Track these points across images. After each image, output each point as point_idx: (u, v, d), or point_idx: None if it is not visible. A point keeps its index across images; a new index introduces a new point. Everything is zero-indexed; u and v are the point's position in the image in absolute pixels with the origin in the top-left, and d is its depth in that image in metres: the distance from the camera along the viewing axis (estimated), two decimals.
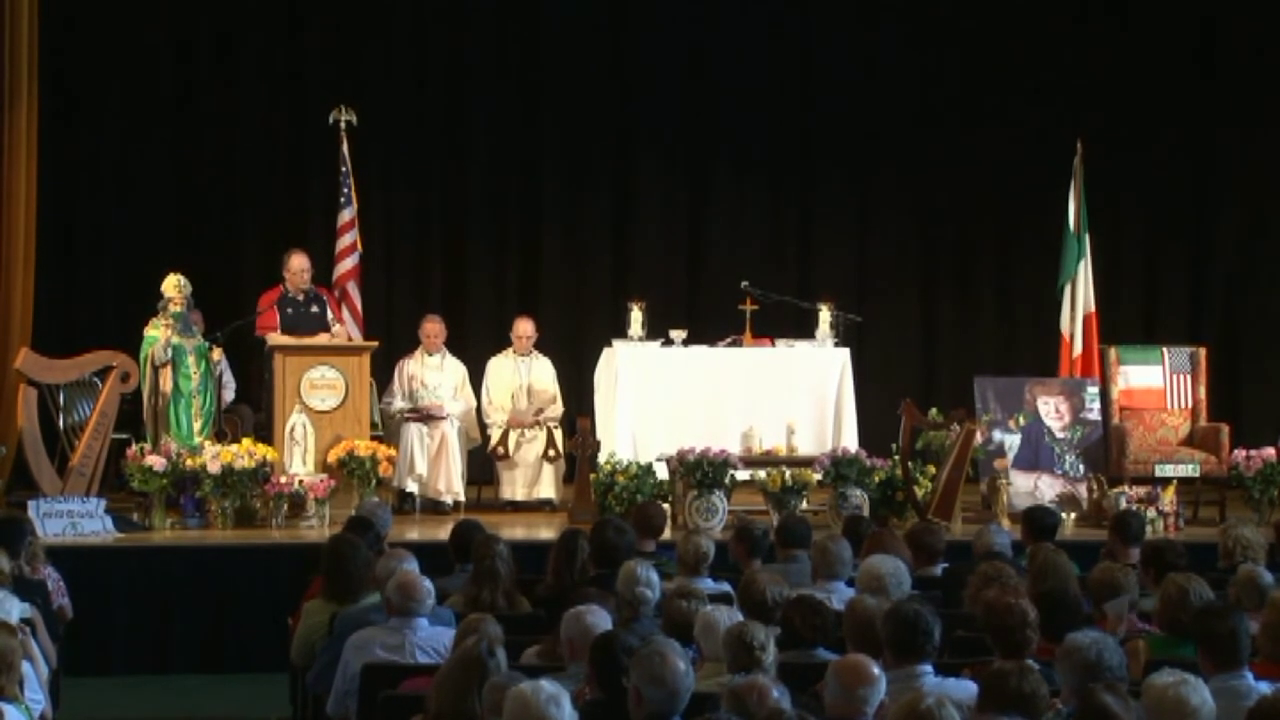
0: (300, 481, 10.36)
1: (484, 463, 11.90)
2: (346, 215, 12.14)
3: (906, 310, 14.32)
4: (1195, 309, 14.39)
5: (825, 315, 11.76)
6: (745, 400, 11.44)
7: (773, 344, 11.82)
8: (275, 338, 11.18)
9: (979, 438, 10.88)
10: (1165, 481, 10.87)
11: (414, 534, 10.35)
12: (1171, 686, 4.53)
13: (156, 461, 10.16)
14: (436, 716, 4.93)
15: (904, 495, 10.74)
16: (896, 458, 10.76)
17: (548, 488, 11.64)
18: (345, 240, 12.14)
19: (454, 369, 11.77)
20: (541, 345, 12.14)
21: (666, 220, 14.20)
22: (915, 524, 9.18)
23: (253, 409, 11.91)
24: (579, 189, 14.09)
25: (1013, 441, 11.28)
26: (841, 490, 10.59)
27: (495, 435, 11.70)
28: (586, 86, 13.96)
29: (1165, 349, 12.02)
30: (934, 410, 10.97)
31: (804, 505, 10.61)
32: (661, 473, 10.76)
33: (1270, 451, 10.94)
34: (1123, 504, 10.24)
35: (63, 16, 12.59)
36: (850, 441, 11.29)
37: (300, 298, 11.49)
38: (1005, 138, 14.07)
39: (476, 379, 11.90)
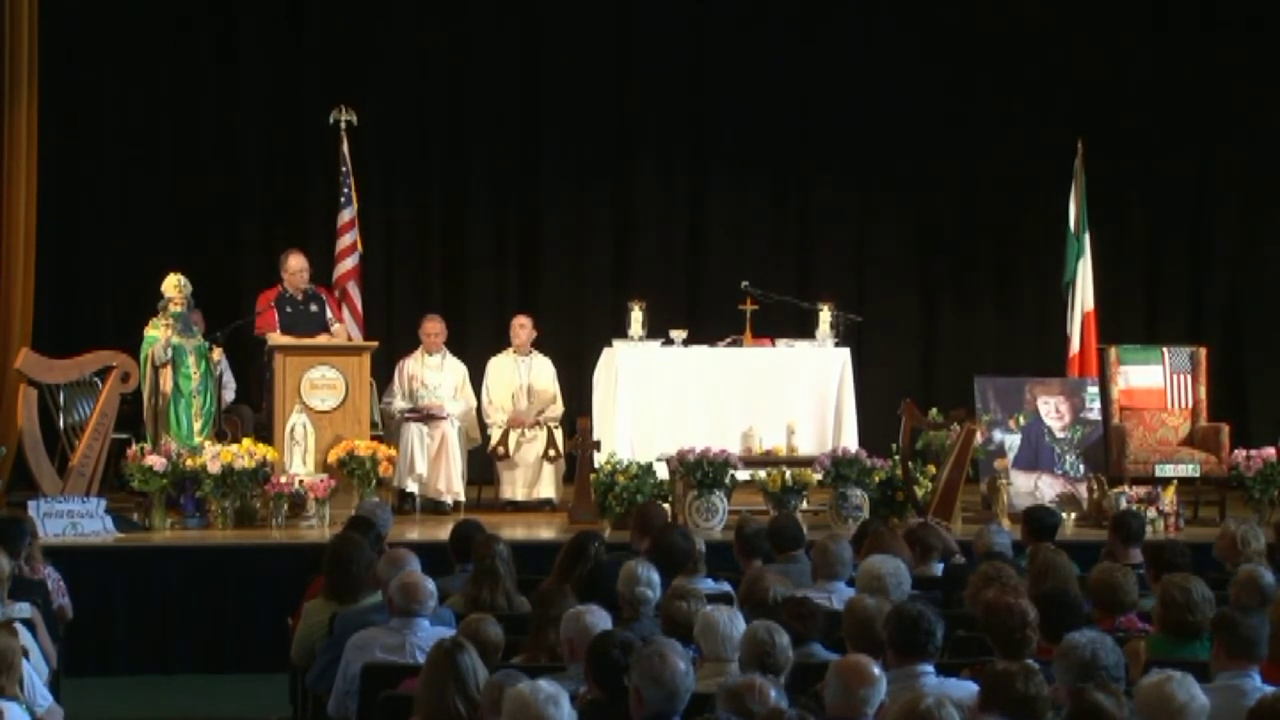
0: (300, 481, 10.36)
1: (484, 463, 11.91)
2: (346, 215, 12.13)
3: (906, 310, 14.32)
4: (1195, 309, 14.39)
5: (825, 315, 11.75)
6: (745, 400, 11.44)
7: (773, 344, 11.82)
8: (275, 338, 11.18)
9: (979, 438, 10.88)
10: (1165, 481, 10.87)
11: (414, 534, 10.35)
12: (1159, 683, 4.53)
13: (156, 461, 10.15)
14: (425, 718, 4.97)
15: (904, 495, 10.74)
16: (896, 458, 10.75)
17: (548, 488, 11.65)
18: (345, 240, 12.13)
19: (454, 369, 11.77)
20: (541, 345, 12.14)
21: (666, 220, 14.20)
22: (912, 522, 9.16)
23: (253, 409, 11.90)
24: (579, 189, 14.09)
25: (1013, 441, 11.28)
26: (841, 490, 10.59)
27: (495, 435, 11.71)
28: (586, 86, 13.96)
29: (1165, 349, 12.02)
30: (934, 410, 10.97)
31: (804, 505, 10.61)
32: (661, 473, 10.75)
33: (1270, 451, 10.94)
34: (1123, 504, 10.24)
35: (63, 16, 12.59)
36: (850, 441, 11.28)
37: (299, 297, 11.50)
38: (1005, 138, 14.07)
39: (476, 379, 11.90)
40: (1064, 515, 10.38)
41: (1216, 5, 14.31)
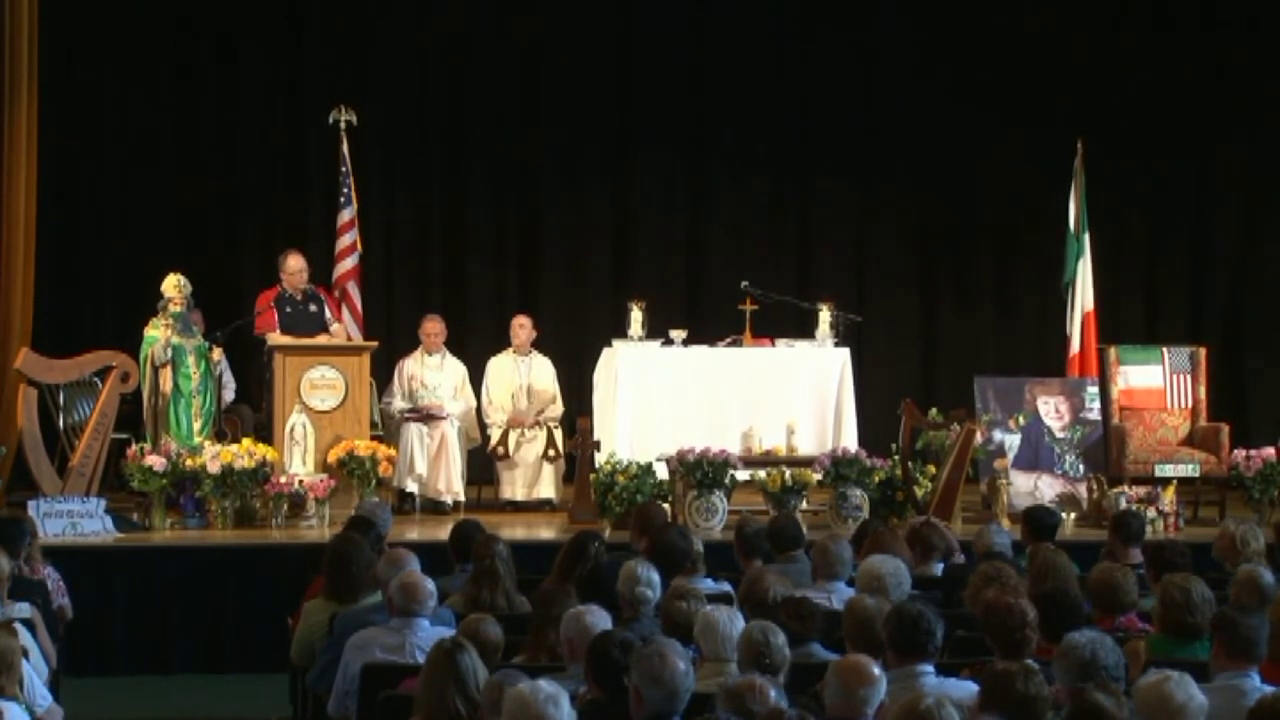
0: (300, 481, 10.36)
1: (484, 463, 11.91)
2: (346, 215, 12.13)
3: (906, 310, 14.33)
4: (1195, 309, 14.39)
5: (825, 315, 11.75)
6: (745, 400, 11.44)
7: (773, 344, 11.82)
8: (275, 338, 11.18)
9: (979, 438, 10.88)
10: (1165, 481, 10.87)
11: (414, 534, 10.35)
12: (1157, 683, 4.53)
13: (156, 461, 10.15)
14: (425, 718, 4.98)
15: (904, 495, 10.74)
16: (896, 458, 10.75)
17: (548, 488, 11.65)
18: (345, 240, 12.13)
19: (454, 369, 11.77)
20: (541, 345, 12.15)
21: (666, 220, 14.20)
22: (915, 520, 9.12)
23: (253, 409, 11.91)
24: (579, 189, 14.09)
25: (1013, 441, 11.28)
26: (841, 490, 10.59)
27: (495, 435, 11.71)
28: (586, 86, 13.96)
29: (1165, 349, 12.01)
30: (934, 410, 10.97)
31: (804, 505, 10.61)
32: (661, 473, 10.75)
33: (1270, 451, 10.94)
34: (1123, 504, 10.23)
35: (63, 16, 12.59)
36: (850, 441, 11.28)
37: (298, 297, 11.50)
38: (1005, 138, 14.07)
39: (476, 379, 11.90)
40: (1064, 515, 10.38)
41: (1216, 5, 14.31)
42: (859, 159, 14.25)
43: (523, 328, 12.01)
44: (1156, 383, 11.84)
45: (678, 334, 11.68)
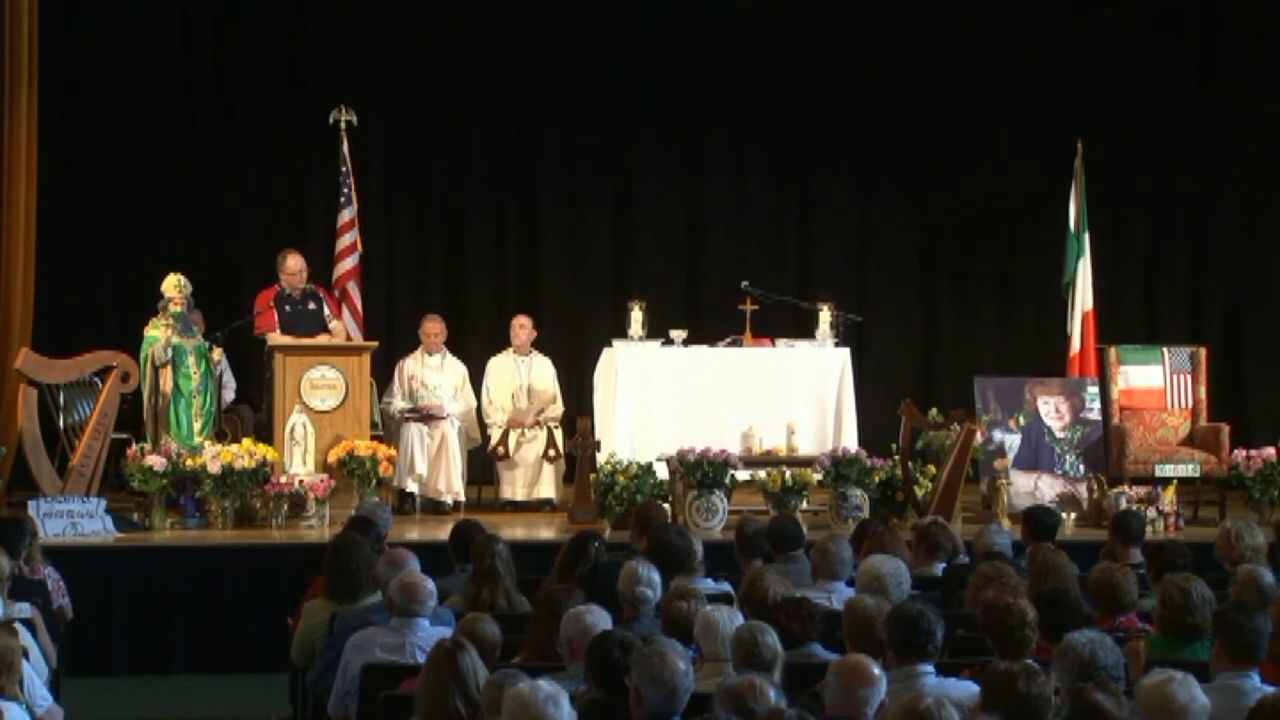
0: (300, 481, 10.36)
1: (484, 463, 11.91)
2: (346, 215, 12.13)
3: (906, 310, 14.32)
4: (1195, 309, 14.38)
5: (825, 315, 11.75)
6: (745, 400, 11.44)
7: (773, 344, 11.82)
8: (275, 338, 11.18)
9: (979, 438, 10.88)
10: (1165, 481, 10.87)
11: (414, 534, 10.35)
12: (1159, 684, 4.53)
13: (156, 461, 10.16)
14: (425, 718, 4.98)
15: (904, 495, 10.74)
16: (896, 458, 10.76)
17: (548, 488, 11.65)
18: (345, 240, 12.14)
19: (454, 369, 11.78)
20: (541, 345, 12.15)
21: (666, 220, 14.20)
22: (923, 520, 9.08)
23: (253, 409, 11.91)
24: (579, 189, 14.09)
25: (1013, 441, 11.28)
26: (841, 490, 10.59)
27: (495, 435, 11.71)
28: (586, 87, 13.96)
29: (1165, 349, 12.01)
30: (934, 410, 10.97)
31: (804, 505, 10.61)
32: (661, 473, 10.75)
33: (1270, 451, 10.94)
34: (1123, 504, 10.24)
35: (62, 16, 12.60)
36: (850, 441, 11.28)
37: (297, 295, 11.50)
38: (1005, 138, 14.07)
39: (476, 379, 11.90)
40: (1064, 515, 10.38)
41: (1217, 5, 14.31)
42: (859, 159, 14.25)
43: (523, 328, 12.02)
44: (1156, 383, 11.84)
45: (678, 334, 11.68)
